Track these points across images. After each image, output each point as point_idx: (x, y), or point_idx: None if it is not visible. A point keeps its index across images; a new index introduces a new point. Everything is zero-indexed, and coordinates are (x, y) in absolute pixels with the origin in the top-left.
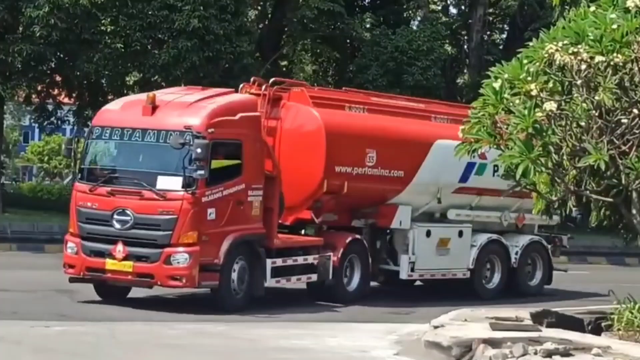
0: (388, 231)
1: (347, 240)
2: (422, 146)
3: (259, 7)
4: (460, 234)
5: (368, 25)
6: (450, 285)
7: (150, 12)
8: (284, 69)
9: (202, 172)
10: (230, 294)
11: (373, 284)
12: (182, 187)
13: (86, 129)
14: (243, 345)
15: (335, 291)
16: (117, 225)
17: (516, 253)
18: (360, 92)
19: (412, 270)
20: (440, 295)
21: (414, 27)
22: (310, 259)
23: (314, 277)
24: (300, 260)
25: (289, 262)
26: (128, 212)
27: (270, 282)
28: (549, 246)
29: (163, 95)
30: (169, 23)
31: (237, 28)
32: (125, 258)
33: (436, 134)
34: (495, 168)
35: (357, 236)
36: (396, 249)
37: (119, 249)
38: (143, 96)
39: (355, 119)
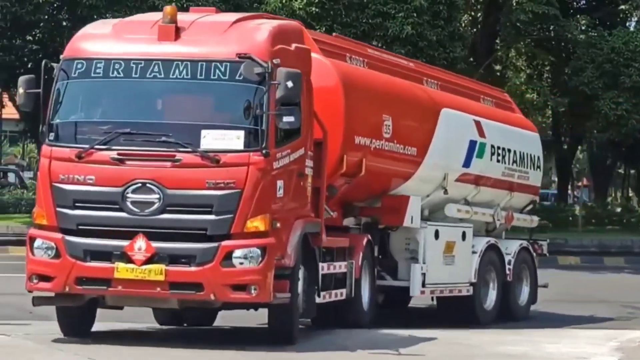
0: (388, 232)
1: (364, 242)
2: (431, 115)
3: (472, 12)
4: (464, 236)
5: (583, 27)
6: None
7: (364, 20)
8: (498, 73)
9: (291, 118)
10: (298, 312)
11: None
12: (245, 145)
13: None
14: (462, 351)
15: (350, 311)
16: (134, 209)
17: (509, 262)
18: (351, 40)
19: (423, 284)
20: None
21: (631, 28)
22: (343, 266)
23: (343, 292)
24: (337, 267)
25: (331, 269)
26: (153, 186)
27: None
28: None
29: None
30: (382, 30)
31: (450, 34)
32: (151, 260)
33: (438, 100)
34: (492, 150)
35: (369, 237)
36: (394, 257)
37: (140, 245)
38: (150, 15)
39: (367, 74)
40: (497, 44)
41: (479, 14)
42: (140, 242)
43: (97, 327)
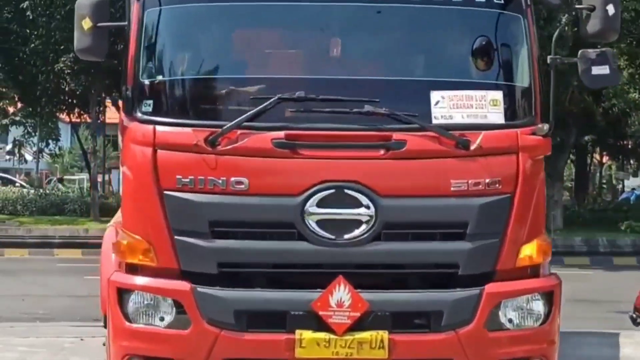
0: None
1: None
2: None
3: (573, 12)
4: None
5: None
6: None
7: None
8: None
9: (605, 69)
10: None
11: None
12: (507, 116)
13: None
14: (571, 352)
15: None
16: (325, 234)
17: None
18: None
19: None
20: None
21: None
22: None
23: None
24: None
25: None
26: (357, 193)
27: None
28: None
29: None
30: None
31: (549, 34)
32: (361, 323)
33: None
34: None
35: None
36: None
37: (340, 298)
38: None
39: None
40: (599, 43)
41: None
42: (341, 293)
43: None
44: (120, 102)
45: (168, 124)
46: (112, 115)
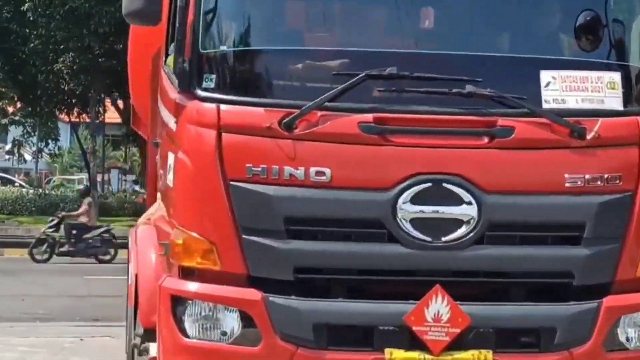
0: None
1: None
2: None
3: None
4: None
5: None
6: None
7: None
8: None
9: None
10: None
11: None
12: (626, 101)
13: None
14: None
15: None
16: (420, 236)
17: None
18: None
19: None
20: None
21: None
22: None
23: None
24: None
25: None
26: (458, 187)
27: None
28: None
29: None
30: None
31: None
32: (462, 341)
33: None
34: None
35: None
36: None
37: (437, 311)
38: None
39: None
40: None
41: None
42: (438, 305)
43: None
44: (174, 78)
45: (235, 103)
46: (112, 115)
